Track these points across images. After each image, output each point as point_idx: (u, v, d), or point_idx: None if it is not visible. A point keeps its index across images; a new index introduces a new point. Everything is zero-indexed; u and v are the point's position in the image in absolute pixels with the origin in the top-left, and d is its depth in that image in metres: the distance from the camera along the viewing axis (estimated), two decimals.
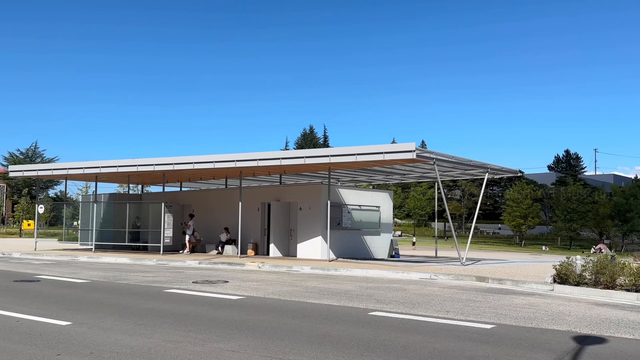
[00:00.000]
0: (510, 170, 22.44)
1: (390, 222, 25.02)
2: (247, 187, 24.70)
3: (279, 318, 8.44)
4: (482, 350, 6.38)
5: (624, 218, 49.49)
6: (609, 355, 6.28)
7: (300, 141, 71.32)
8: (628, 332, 7.74)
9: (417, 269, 16.80)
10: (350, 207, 22.08)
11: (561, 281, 13.10)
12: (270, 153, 19.74)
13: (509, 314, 9.16)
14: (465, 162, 19.22)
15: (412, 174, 22.83)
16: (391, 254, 24.00)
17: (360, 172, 22.45)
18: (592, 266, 12.78)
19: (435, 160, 17.45)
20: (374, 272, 16.09)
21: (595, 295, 11.95)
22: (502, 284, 13.90)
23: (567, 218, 52.37)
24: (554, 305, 10.39)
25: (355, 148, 17.30)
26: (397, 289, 12.40)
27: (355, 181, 26.29)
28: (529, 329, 7.83)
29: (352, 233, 22.26)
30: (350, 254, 21.56)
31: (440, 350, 6.39)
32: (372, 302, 10.24)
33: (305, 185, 24.25)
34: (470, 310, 9.46)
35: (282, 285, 12.95)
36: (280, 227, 22.39)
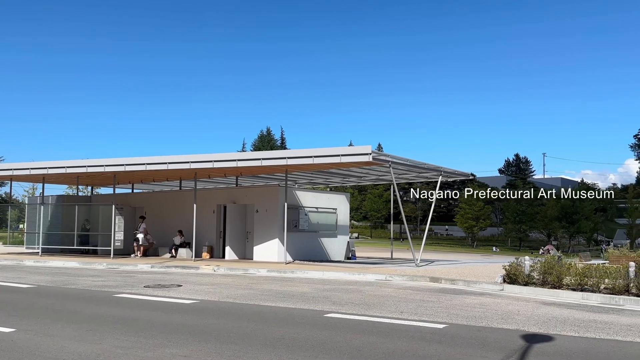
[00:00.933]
0: (462, 173, 23.00)
1: (347, 224, 25.19)
2: (202, 189, 24.32)
3: (234, 322, 8.33)
4: (434, 350, 6.49)
5: (571, 220, 51.62)
6: (555, 353, 6.51)
7: (257, 143, 70.87)
8: (573, 330, 8.04)
9: (373, 270, 16.96)
10: (307, 210, 22.08)
11: (511, 281, 13.50)
12: (226, 155, 19.50)
13: (461, 313, 9.36)
14: (419, 165, 19.58)
15: (368, 176, 23.06)
16: (348, 255, 24.16)
17: (317, 174, 22.49)
18: (539, 267, 13.23)
19: (391, 163, 17.68)
20: (331, 274, 16.14)
21: (542, 294, 12.37)
22: (454, 285, 14.20)
23: (517, 220, 54.17)
24: (503, 304, 10.70)
25: (312, 150, 17.32)
26: (353, 291, 12.47)
27: (312, 183, 26.32)
28: (479, 328, 8.03)
29: (309, 235, 22.26)
30: (307, 256, 21.55)
31: (394, 350, 6.46)
32: (328, 304, 10.26)
33: (262, 187, 24.10)
34: (423, 310, 9.61)
35: (238, 288, 12.80)
36: (237, 230, 22.15)
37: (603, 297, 11.56)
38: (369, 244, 50.27)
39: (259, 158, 18.90)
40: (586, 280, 12.38)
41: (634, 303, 10.99)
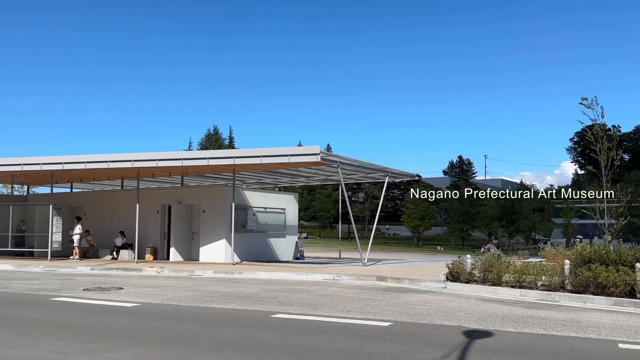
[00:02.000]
0: (408, 174, 23.47)
1: (296, 224, 25.17)
2: (145, 189, 23.66)
3: (178, 324, 8.13)
4: (379, 348, 6.56)
5: (510, 220, 53.72)
6: (494, 348, 6.72)
7: (204, 142, 69.70)
8: (512, 325, 8.34)
9: (321, 270, 17.03)
10: (255, 210, 21.90)
11: (453, 279, 13.90)
12: (171, 153, 19.07)
13: (406, 311, 9.54)
14: (367, 166, 19.83)
15: (317, 176, 23.14)
16: (296, 255, 24.15)
17: (266, 174, 22.35)
18: (480, 265, 13.68)
19: (339, 163, 17.82)
20: (279, 275, 16.07)
21: (483, 291, 12.80)
22: (400, 283, 14.46)
23: (460, 220, 55.86)
24: (446, 302, 10.98)
25: (261, 150, 17.20)
26: (300, 291, 12.46)
27: (260, 183, 26.14)
28: (423, 325, 8.20)
29: (257, 235, 22.09)
30: (255, 257, 21.38)
31: (340, 349, 6.48)
32: (276, 304, 10.20)
33: (209, 187, 23.71)
34: (370, 309, 9.72)
35: (183, 290, 12.52)
36: (182, 230, 21.68)
37: (540, 294, 12.08)
38: (317, 244, 50.45)
39: (206, 157, 18.58)
40: (524, 278, 12.91)
41: (569, 299, 11.54)
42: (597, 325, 8.44)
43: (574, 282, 11.95)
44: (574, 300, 11.45)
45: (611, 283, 11.12)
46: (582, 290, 11.67)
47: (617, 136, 21.32)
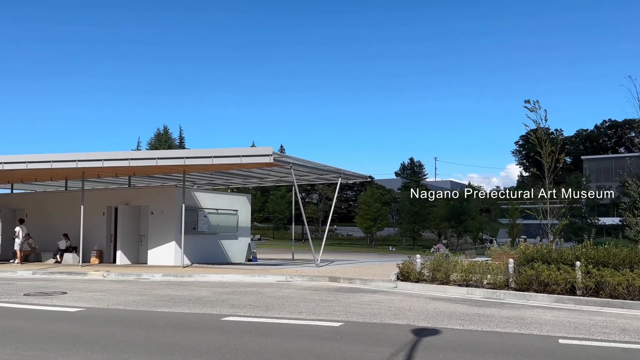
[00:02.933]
0: (361, 175, 23.71)
1: (249, 225, 24.95)
2: (90, 190, 22.87)
3: (124, 329, 7.89)
4: (330, 348, 6.58)
5: (459, 220, 55.19)
6: (441, 345, 6.87)
7: (153, 142, 67.89)
8: (458, 323, 8.56)
9: (274, 272, 16.95)
10: (206, 211, 21.56)
11: (404, 278, 14.14)
12: (118, 153, 18.49)
13: (357, 311, 9.62)
14: (320, 167, 19.89)
15: (270, 177, 23.01)
16: (249, 257, 23.93)
17: (217, 175, 22.04)
18: (429, 264, 13.98)
19: (292, 164, 17.79)
20: (231, 277, 15.88)
21: (432, 290, 13.07)
22: (352, 283, 14.57)
23: (411, 220, 56.94)
24: (396, 301, 11.15)
25: (212, 150, 16.93)
26: (253, 293, 12.35)
27: (212, 184, 25.75)
28: (373, 325, 8.29)
29: (209, 237, 21.75)
30: (207, 259, 21.04)
31: (290, 350, 6.46)
32: (227, 307, 10.07)
33: (158, 188, 23.16)
34: (321, 309, 9.74)
35: (129, 294, 12.17)
36: (129, 233, 21.06)
37: (486, 292, 12.45)
38: (271, 245, 50.22)
39: (155, 157, 18.12)
40: (471, 277, 13.28)
41: (513, 297, 11.94)
42: (539, 322, 8.77)
43: (517, 280, 12.38)
44: (517, 297, 11.86)
45: (553, 281, 11.59)
46: (526, 288, 12.11)
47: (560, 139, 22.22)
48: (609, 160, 67.87)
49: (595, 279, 11.14)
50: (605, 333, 7.84)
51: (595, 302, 10.86)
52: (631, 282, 10.61)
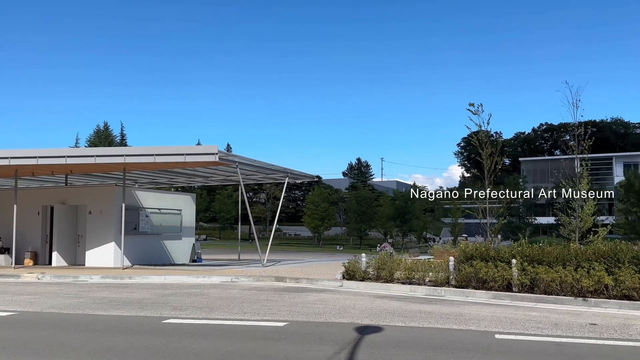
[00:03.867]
0: (308, 175, 23.74)
1: (193, 225, 24.46)
2: (24, 188, 21.75)
3: (58, 334, 7.55)
4: (273, 348, 6.54)
5: (404, 219, 56.29)
6: (383, 343, 6.97)
7: (93, 139, 65.31)
8: (401, 320, 8.71)
9: (219, 272, 16.70)
10: (149, 211, 20.96)
11: (349, 277, 14.27)
12: (54, 150, 17.68)
13: (302, 310, 9.61)
14: (267, 167, 19.77)
15: (215, 176, 22.64)
16: (193, 258, 23.46)
17: (160, 173, 21.45)
18: (374, 263, 14.18)
19: (238, 163, 17.59)
20: (173, 278, 15.51)
21: (377, 288, 13.26)
22: (298, 283, 14.56)
23: (358, 220, 57.59)
24: (341, 300, 11.23)
25: (154, 148, 16.47)
26: (196, 294, 12.10)
27: (155, 183, 25.05)
28: (318, 324, 8.31)
29: (151, 238, 21.15)
30: (149, 260, 20.47)
31: (233, 352, 6.37)
32: (168, 309, 9.81)
33: (97, 187, 22.31)
34: (267, 310, 9.67)
35: (66, 297, 11.65)
36: (66, 233, 20.18)
37: (428, 289, 12.75)
38: (217, 245, 49.47)
39: (93, 155, 17.44)
40: (414, 274, 13.57)
41: (453, 294, 12.29)
42: (477, 318, 9.06)
43: (457, 277, 12.75)
44: (457, 294, 12.21)
45: (490, 278, 12.00)
46: (465, 285, 12.48)
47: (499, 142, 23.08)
48: (545, 162, 71.00)
49: (530, 276, 11.62)
50: (539, 328, 8.19)
51: (530, 298, 11.33)
52: (564, 279, 11.13)
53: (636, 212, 38.97)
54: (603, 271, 10.81)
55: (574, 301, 10.80)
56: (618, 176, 60.09)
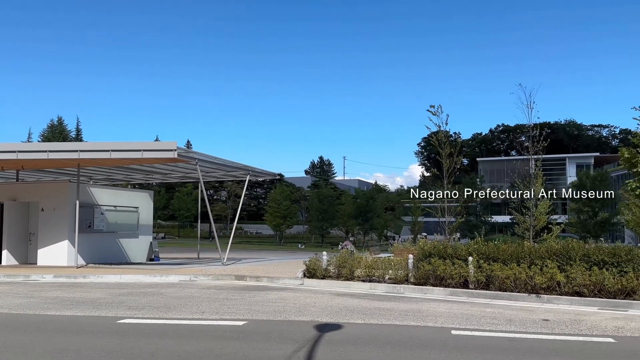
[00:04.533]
0: (270, 173, 23.61)
1: (150, 223, 23.93)
2: None
3: (8, 334, 7.24)
4: (231, 347, 6.45)
5: (365, 218, 56.75)
6: (342, 340, 6.99)
7: (47, 134, 63.07)
8: (360, 317, 8.76)
9: (177, 271, 16.40)
10: (104, 208, 20.38)
11: (310, 275, 14.26)
12: (5, 145, 17.07)
13: (262, 309, 9.54)
14: (227, 164, 19.54)
15: (174, 173, 22.23)
16: (150, 257, 22.96)
17: (116, 170, 20.90)
18: (335, 261, 14.21)
19: (198, 160, 17.31)
20: (130, 277, 15.15)
21: (337, 286, 13.30)
22: (258, 281, 14.46)
23: (320, 218, 57.71)
24: (302, 298, 11.21)
25: (110, 144, 16.03)
26: (153, 294, 11.84)
27: (111, 180, 24.37)
28: (277, 322, 8.26)
29: (106, 236, 20.58)
30: (104, 259, 19.91)
31: (190, 352, 6.25)
32: (123, 309, 9.56)
33: (49, 183, 21.52)
34: (226, 309, 9.55)
35: (16, 297, 11.20)
36: (17, 231, 19.41)
37: (387, 287, 12.88)
38: (176, 244, 48.63)
39: (45, 150, 16.81)
40: (374, 272, 13.68)
41: (412, 291, 12.45)
42: (434, 314, 9.20)
43: (416, 275, 12.92)
44: (416, 291, 12.38)
45: (448, 275, 12.22)
46: (423, 282, 12.67)
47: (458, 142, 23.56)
48: (501, 162, 72.90)
49: (486, 273, 11.89)
50: (494, 324, 8.39)
51: (486, 294, 11.60)
52: (518, 276, 11.44)
53: (587, 212, 40.49)
54: (555, 268, 11.16)
55: (528, 297, 11.11)
56: (571, 176, 62.32)
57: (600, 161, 66.60)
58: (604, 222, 40.23)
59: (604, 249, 11.45)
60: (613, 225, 40.30)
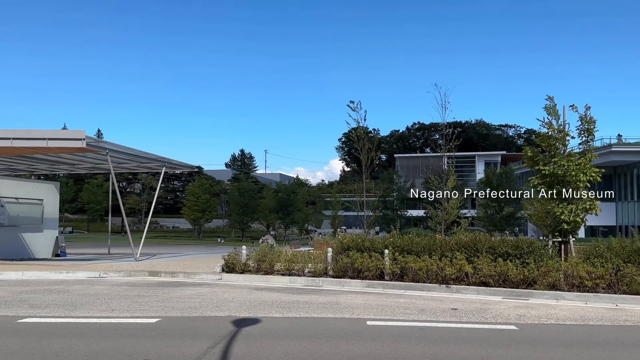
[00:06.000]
0: (188, 165, 22.94)
1: (56, 217, 22.45)
2: None
3: None
4: (143, 346, 6.20)
5: (287, 212, 56.80)
6: (260, 334, 6.93)
7: None
8: (279, 311, 8.74)
9: (85, 267, 15.53)
10: (4, 200, 18.86)
11: (229, 270, 14.06)
12: None
13: (177, 305, 9.26)
14: (141, 155, 18.73)
15: (83, 164, 20.96)
16: (57, 252, 21.55)
17: (19, 159, 19.35)
18: (255, 255, 14.11)
19: (109, 150, 16.46)
20: (32, 274, 14.15)
21: (257, 281, 13.20)
22: (174, 277, 14.03)
23: (241, 212, 57.00)
24: (220, 293, 11.01)
25: (12, 131, 14.82)
26: (58, 291, 11.13)
27: (12, 170, 22.55)
28: (193, 318, 8.05)
29: (7, 230, 19.07)
30: (5, 255, 18.45)
31: (98, 351, 5.93)
32: (25, 307, 8.91)
33: None
34: (137, 306, 9.17)
35: None
36: None
37: (307, 280, 12.97)
38: (85, 239, 46.11)
39: None
40: (293, 266, 13.74)
41: (330, 283, 12.62)
42: (351, 306, 9.38)
43: (335, 268, 13.12)
44: (334, 284, 12.56)
45: (365, 268, 12.51)
46: (342, 275, 12.89)
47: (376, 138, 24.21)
48: (417, 159, 75.65)
49: (401, 265, 12.30)
50: (407, 313, 8.69)
51: (401, 285, 12.00)
52: (430, 268, 11.93)
53: (494, 207, 43.00)
54: (464, 260, 11.76)
55: (439, 288, 11.62)
56: (480, 173, 65.95)
57: (506, 159, 71.05)
58: (509, 216, 42.88)
59: (508, 241, 12.22)
60: (517, 219, 43.09)
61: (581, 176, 12.34)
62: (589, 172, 12.43)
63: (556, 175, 12.52)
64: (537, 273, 11.23)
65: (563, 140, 12.82)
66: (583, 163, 12.48)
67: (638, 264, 10.83)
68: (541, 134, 13.15)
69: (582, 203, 12.43)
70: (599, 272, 10.81)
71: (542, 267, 11.25)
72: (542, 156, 13.07)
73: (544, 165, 12.75)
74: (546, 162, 12.81)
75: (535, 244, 12.07)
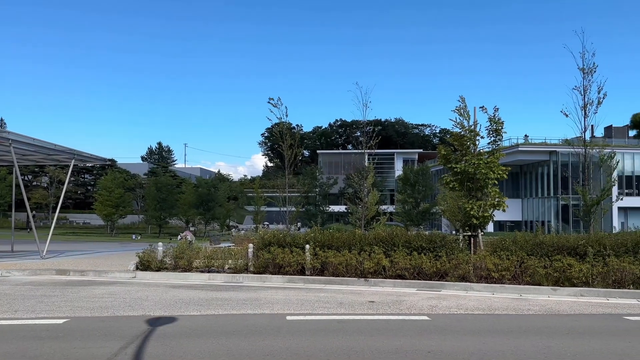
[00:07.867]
0: (99, 158, 21.79)
1: None
2: None
3: None
4: (49, 348, 5.83)
5: (207, 207, 55.59)
6: (175, 333, 6.73)
7: None
8: (196, 309, 8.54)
9: None
10: None
11: (144, 268, 13.53)
12: None
13: (86, 305, 8.79)
14: (48, 146, 17.55)
15: None
16: None
17: None
18: (172, 252, 13.67)
19: (12, 141, 15.30)
20: None
21: (174, 278, 12.81)
22: (84, 276, 13.32)
23: (158, 207, 55.07)
24: (133, 291, 10.58)
25: None
26: None
27: None
28: (103, 319, 7.68)
29: None
30: None
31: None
32: None
33: None
34: (43, 306, 8.61)
35: None
36: None
37: (227, 276, 12.77)
38: None
39: None
40: (213, 262, 13.47)
41: (251, 280, 12.51)
42: (271, 302, 9.36)
43: (256, 263, 13.02)
44: (255, 280, 12.47)
45: (286, 263, 12.52)
46: (263, 271, 12.82)
47: (299, 134, 24.33)
48: (339, 155, 76.82)
49: (321, 259, 12.43)
50: (326, 307, 8.80)
51: (321, 280, 12.13)
52: (349, 262, 12.16)
53: (411, 202, 44.58)
54: (382, 254, 12.09)
55: (358, 281, 11.88)
56: (398, 170, 68.06)
57: (423, 157, 73.88)
58: (425, 211, 44.62)
59: (423, 236, 12.72)
60: (433, 214, 44.94)
61: (490, 174, 13.07)
62: (497, 170, 13.19)
63: (467, 173, 13.18)
64: (448, 265, 11.78)
65: (474, 139, 13.51)
66: (492, 161, 13.22)
67: (540, 257, 11.64)
68: (454, 134, 13.78)
69: (491, 199, 13.18)
70: (504, 264, 11.51)
71: (454, 260, 11.82)
72: (454, 155, 13.71)
73: (456, 163, 13.39)
74: (458, 160, 13.46)
75: (448, 238, 12.66)
